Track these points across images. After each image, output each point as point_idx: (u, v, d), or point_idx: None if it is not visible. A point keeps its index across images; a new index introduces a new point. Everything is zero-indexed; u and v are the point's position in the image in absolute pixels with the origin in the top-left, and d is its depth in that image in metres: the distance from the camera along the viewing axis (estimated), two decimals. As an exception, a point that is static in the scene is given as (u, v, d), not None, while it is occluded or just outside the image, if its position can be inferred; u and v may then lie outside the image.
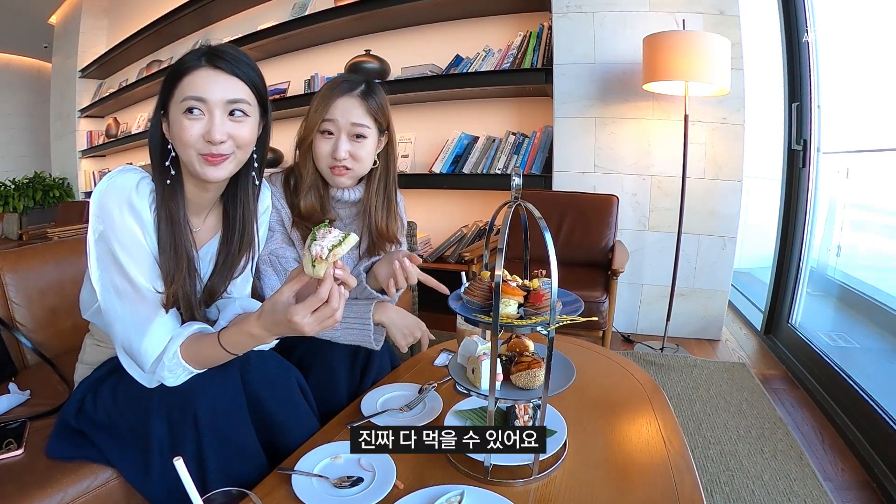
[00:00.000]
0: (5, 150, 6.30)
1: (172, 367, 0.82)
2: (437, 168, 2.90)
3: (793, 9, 2.37)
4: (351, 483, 0.78)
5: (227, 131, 0.84)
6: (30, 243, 2.80)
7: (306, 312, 0.73)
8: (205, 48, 0.85)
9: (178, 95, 0.83)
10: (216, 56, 0.84)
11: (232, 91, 0.84)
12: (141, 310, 0.82)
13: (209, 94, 0.82)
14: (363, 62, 3.03)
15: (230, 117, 0.84)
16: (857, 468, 1.54)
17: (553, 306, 0.75)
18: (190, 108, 0.81)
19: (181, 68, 0.83)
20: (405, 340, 1.15)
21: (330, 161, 1.09)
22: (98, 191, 0.83)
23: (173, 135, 0.84)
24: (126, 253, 0.82)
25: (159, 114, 0.86)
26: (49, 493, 0.84)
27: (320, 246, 0.71)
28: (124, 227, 0.82)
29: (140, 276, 0.83)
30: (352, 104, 1.09)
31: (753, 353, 2.47)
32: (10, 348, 1.29)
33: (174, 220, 0.86)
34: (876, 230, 2.65)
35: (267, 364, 0.95)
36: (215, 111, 0.83)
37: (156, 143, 0.87)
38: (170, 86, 0.84)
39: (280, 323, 0.75)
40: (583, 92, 2.58)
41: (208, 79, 0.83)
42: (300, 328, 0.74)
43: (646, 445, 0.92)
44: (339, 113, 1.08)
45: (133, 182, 0.84)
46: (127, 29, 4.72)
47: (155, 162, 0.87)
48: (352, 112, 1.08)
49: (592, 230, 2.40)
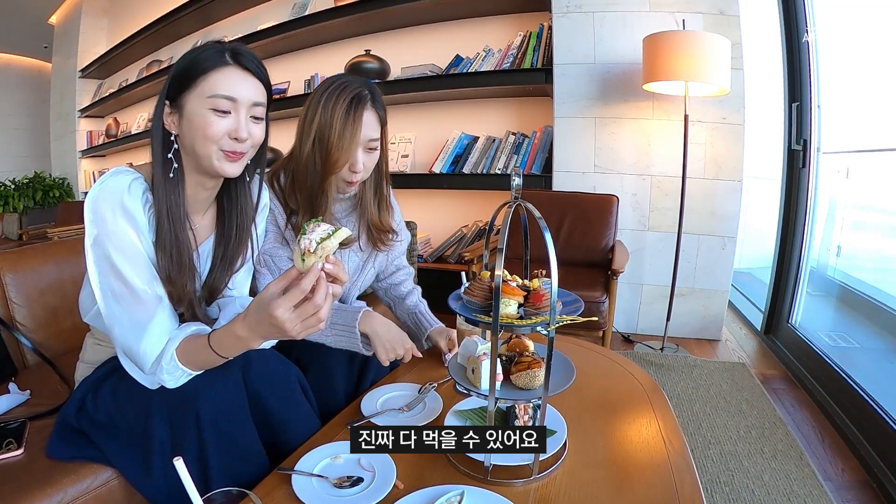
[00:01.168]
0: (5, 150, 6.30)
1: (171, 370, 0.82)
2: (437, 168, 2.90)
3: (793, 9, 2.37)
4: (351, 483, 0.78)
5: (249, 130, 0.86)
6: (30, 243, 2.80)
7: (289, 305, 0.71)
8: (226, 46, 0.86)
9: (203, 90, 0.83)
10: (241, 56, 0.86)
11: (256, 93, 0.87)
12: (138, 312, 0.82)
13: (240, 95, 0.84)
14: (363, 62, 3.03)
15: (251, 119, 0.87)
16: (857, 468, 1.54)
17: (553, 306, 0.75)
18: (219, 107, 0.83)
19: (204, 64, 0.83)
20: (387, 355, 1.13)
21: (348, 176, 1.09)
22: (90, 196, 0.83)
23: (192, 128, 0.84)
24: (121, 255, 0.82)
25: (163, 104, 0.86)
26: (49, 493, 0.84)
27: (309, 239, 0.70)
28: (118, 230, 0.82)
29: (136, 279, 0.83)
30: (371, 121, 1.08)
31: (753, 353, 2.47)
32: (10, 348, 1.29)
33: (175, 217, 0.86)
34: (876, 230, 2.65)
35: (268, 362, 0.95)
36: (241, 111, 0.85)
37: (158, 133, 0.87)
38: (188, 79, 0.84)
39: (263, 321, 0.73)
40: (583, 92, 2.58)
41: (238, 79, 0.85)
42: (282, 324, 0.71)
43: (646, 445, 0.92)
44: (364, 130, 1.06)
45: (125, 184, 0.84)
46: (127, 29, 4.72)
47: (157, 154, 0.87)
48: (371, 129, 1.08)
49: (592, 230, 2.40)
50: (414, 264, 2.20)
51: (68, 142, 5.53)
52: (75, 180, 5.50)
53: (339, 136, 1.04)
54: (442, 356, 1.24)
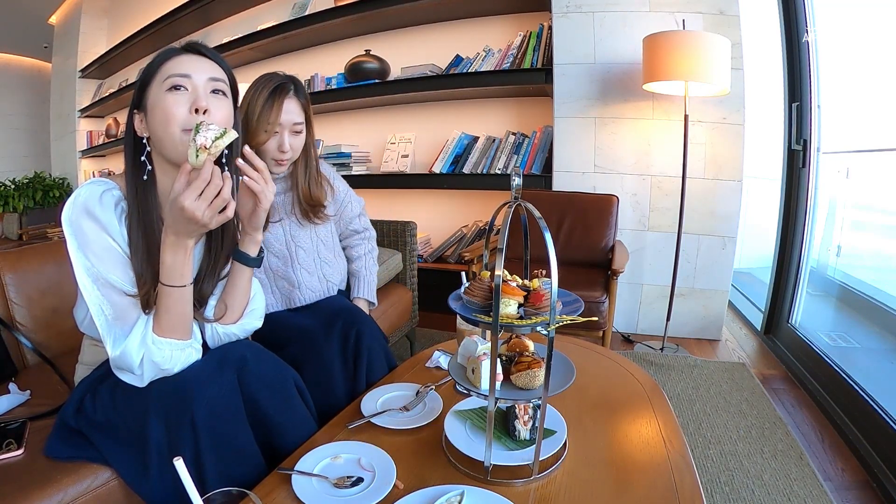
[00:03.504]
0: (5, 150, 6.28)
1: (160, 349, 0.84)
2: (437, 168, 2.90)
3: (793, 9, 2.37)
4: (351, 483, 0.78)
5: (209, 103, 0.87)
6: (30, 243, 2.80)
7: (194, 195, 0.77)
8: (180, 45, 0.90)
9: (159, 79, 0.86)
10: (195, 45, 0.90)
11: (212, 70, 0.89)
12: (122, 316, 0.85)
13: (193, 70, 0.87)
14: (363, 62, 3.03)
15: (212, 94, 0.88)
16: (857, 468, 1.54)
17: (553, 306, 0.75)
18: (175, 84, 0.85)
19: (158, 60, 0.88)
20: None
21: (277, 155, 1.28)
22: (65, 210, 0.85)
23: (154, 116, 0.86)
24: (102, 262, 0.84)
25: (132, 114, 0.89)
26: (49, 493, 0.84)
27: (205, 137, 0.77)
28: (94, 238, 0.84)
29: (120, 283, 0.85)
30: (293, 107, 1.28)
31: (753, 353, 2.47)
32: (10, 348, 1.29)
33: (147, 220, 0.87)
34: (876, 230, 2.64)
35: (264, 365, 0.95)
36: (199, 85, 0.87)
37: (129, 140, 0.90)
38: (147, 80, 0.87)
39: (178, 217, 0.79)
40: (583, 92, 2.58)
41: (191, 60, 0.88)
42: (192, 213, 0.77)
43: (646, 445, 0.92)
44: (285, 115, 1.26)
45: (96, 194, 0.86)
46: (127, 29, 4.72)
47: (129, 158, 0.89)
48: (294, 114, 1.28)
49: (592, 230, 2.40)
50: (414, 264, 2.21)
51: (68, 142, 5.53)
52: (75, 180, 5.49)
53: (258, 118, 1.24)
54: None
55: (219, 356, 0.92)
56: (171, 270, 0.83)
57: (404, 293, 2.11)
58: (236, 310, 1.00)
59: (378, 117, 3.28)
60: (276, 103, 1.25)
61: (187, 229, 0.80)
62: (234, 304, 0.99)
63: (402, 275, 2.17)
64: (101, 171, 5.37)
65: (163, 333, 0.84)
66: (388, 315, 1.92)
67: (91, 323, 0.89)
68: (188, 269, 0.85)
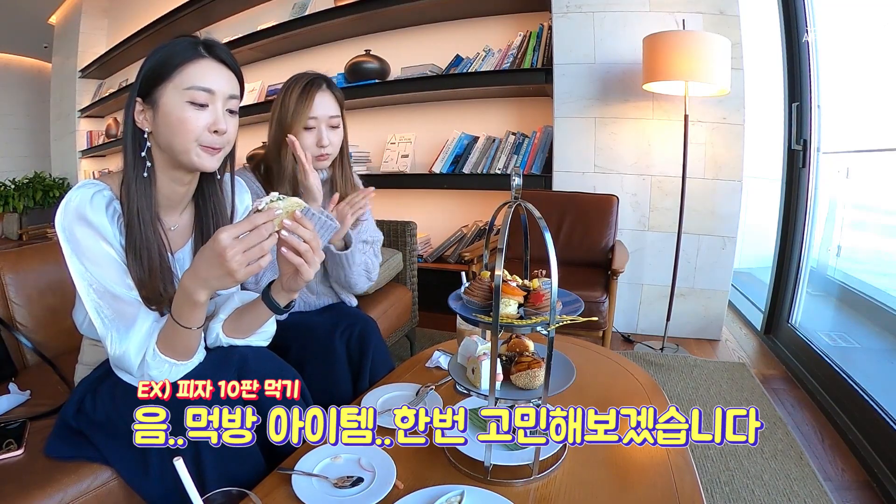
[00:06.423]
0: (5, 150, 6.29)
1: (157, 364, 0.83)
2: (437, 168, 2.90)
3: (793, 9, 2.37)
4: (351, 483, 0.78)
5: (226, 123, 0.86)
6: (30, 243, 2.80)
7: (234, 232, 0.71)
8: (198, 39, 0.85)
9: (179, 83, 0.82)
10: (215, 48, 0.85)
11: (231, 86, 0.87)
12: (122, 317, 0.84)
13: (217, 86, 0.84)
14: (363, 62, 3.03)
15: (227, 112, 0.86)
16: (857, 468, 1.54)
17: (553, 306, 0.75)
18: (198, 101, 0.82)
19: (179, 58, 0.82)
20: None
21: (316, 150, 1.24)
22: (58, 215, 0.83)
23: (169, 123, 0.82)
24: (96, 266, 0.83)
25: (134, 102, 0.84)
26: (49, 493, 0.84)
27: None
28: (88, 243, 0.83)
29: (115, 286, 0.84)
30: (328, 100, 1.25)
31: (753, 353, 2.47)
32: (10, 348, 1.29)
33: (144, 219, 0.85)
34: (876, 230, 2.64)
35: (265, 366, 0.95)
36: (219, 103, 0.84)
37: (130, 133, 0.86)
38: (163, 74, 0.82)
39: (205, 254, 0.73)
40: (583, 92, 2.58)
41: (214, 71, 0.84)
42: (223, 249, 0.70)
43: (646, 445, 0.92)
44: (320, 108, 1.23)
45: (87, 196, 0.83)
46: (127, 29, 4.72)
47: (128, 153, 0.86)
48: (330, 108, 1.25)
49: (592, 230, 2.40)
50: (414, 264, 2.21)
51: (68, 142, 5.53)
52: (75, 180, 5.49)
53: (292, 114, 1.22)
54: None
55: (220, 356, 0.92)
56: (182, 311, 0.80)
57: (404, 293, 2.11)
58: (246, 333, 0.97)
59: (378, 117, 3.28)
60: (309, 97, 1.23)
61: (209, 272, 0.74)
62: (246, 329, 0.96)
63: (402, 275, 2.17)
64: (102, 171, 5.37)
65: (165, 351, 0.83)
66: (388, 315, 1.92)
67: (90, 325, 0.88)
68: (200, 315, 0.82)
